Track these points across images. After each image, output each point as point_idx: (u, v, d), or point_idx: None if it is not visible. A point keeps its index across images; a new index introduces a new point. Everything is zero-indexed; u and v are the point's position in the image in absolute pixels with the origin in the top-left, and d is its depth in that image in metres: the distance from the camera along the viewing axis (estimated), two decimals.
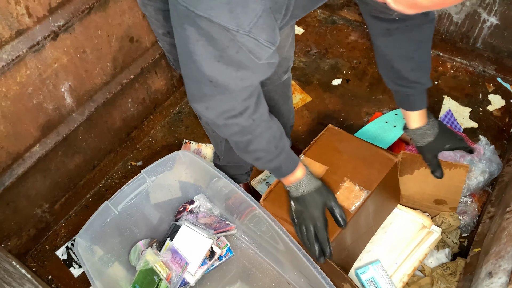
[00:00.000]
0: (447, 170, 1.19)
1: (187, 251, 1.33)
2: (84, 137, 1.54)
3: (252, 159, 0.99)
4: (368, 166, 1.21)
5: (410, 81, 1.07)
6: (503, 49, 1.82)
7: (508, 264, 0.86)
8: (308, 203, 1.04)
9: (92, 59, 1.41)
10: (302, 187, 1.04)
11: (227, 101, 0.84)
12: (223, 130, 0.91)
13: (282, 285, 1.31)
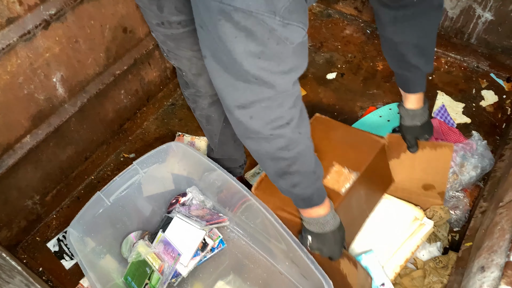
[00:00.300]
0: (433, 151, 1.21)
1: (179, 243, 1.33)
2: (76, 128, 1.52)
3: (289, 185, 0.93)
4: (356, 149, 1.23)
5: (412, 65, 1.09)
6: (497, 45, 1.82)
7: (501, 258, 0.87)
8: (331, 242, 1.04)
9: (85, 49, 1.39)
10: (326, 224, 1.02)
11: (274, 108, 0.79)
12: (268, 144, 0.84)
13: (274, 275, 1.32)
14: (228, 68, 0.76)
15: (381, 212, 1.36)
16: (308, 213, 1.03)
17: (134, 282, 1.29)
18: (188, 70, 1.19)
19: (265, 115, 0.80)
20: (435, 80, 1.88)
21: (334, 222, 1.04)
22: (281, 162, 0.87)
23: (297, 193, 0.96)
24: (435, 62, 1.95)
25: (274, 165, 0.89)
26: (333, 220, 1.03)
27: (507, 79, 1.85)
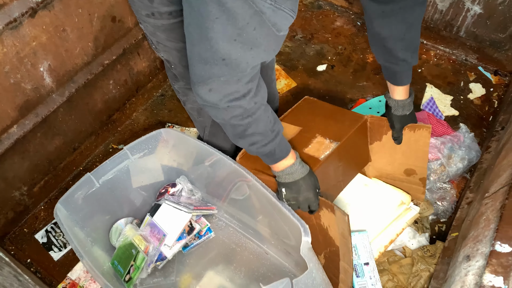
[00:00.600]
0: (411, 133, 1.25)
1: (166, 225, 1.36)
2: (64, 118, 1.50)
3: (247, 144, 0.99)
4: (339, 123, 1.29)
5: (400, 59, 1.12)
6: (485, 38, 1.84)
7: (486, 247, 0.88)
8: (303, 189, 1.08)
9: (73, 38, 1.37)
10: (295, 173, 1.07)
11: (232, 84, 0.84)
12: (224, 114, 0.91)
13: (261, 255, 1.37)
14: (199, 43, 0.80)
15: (370, 194, 1.40)
16: (277, 167, 1.08)
17: (120, 265, 1.29)
18: (178, 62, 1.18)
19: (223, 89, 0.85)
20: (424, 73, 1.90)
21: (303, 170, 1.08)
22: (238, 128, 0.94)
23: (258, 151, 1.01)
24: (425, 55, 1.96)
25: (232, 129, 0.96)
26: (301, 168, 1.08)
27: (494, 72, 1.87)
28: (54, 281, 1.43)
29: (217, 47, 0.78)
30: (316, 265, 1.06)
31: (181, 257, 1.39)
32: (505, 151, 1.19)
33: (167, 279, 1.36)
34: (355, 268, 1.26)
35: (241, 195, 1.33)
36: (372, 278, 1.24)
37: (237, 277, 1.35)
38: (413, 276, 1.28)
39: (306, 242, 1.01)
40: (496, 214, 0.92)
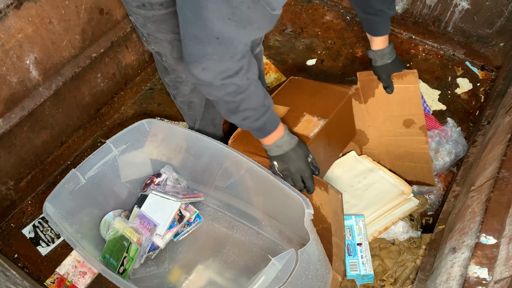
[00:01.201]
0: (400, 80, 1.29)
1: (155, 215, 1.37)
2: (51, 112, 1.48)
3: (239, 119, 1.01)
4: (325, 100, 1.32)
5: (377, 10, 1.17)
6: (473, 33, 1.86)
7: (471, 240, 0.90)
8: (293, 159, 1.11)
9: (59, 31, 1.35)
10: (284, 144, 1.10)
11: (225, 61, 0.86)
12: (217, 91, 0.92)
13: (252, 236, 1.41)
14: (193, 23, 0.82)
15: (373, 180, 1.44)
16: (267, 141, 1.10)
17: (112, 258, 1.28)
18: (169, 54, 1.17)
19: (216, 67, 0.87)
20: (413, 68, 1.91)
21: (292, 141, 1.11)
22: (231, 104, 0.96)
23: (250, 126, 1.04)
24: (413, 50, 1.97)
25: (225, 105, 0.98)
26: (290, 139, 1.11)
27: (481, 68, 1.89)
28: (42, 276, 1.42)
29: (211, 26, 0.79)
30: (316, 236, 1.10)
31: (173, 246, 1.40)
32: (490, 145, 1.21)
33: (160, 267, 1.37)
34: (348, 247, 1.31)
35: (228, 180, 1.34)
36: (364, 258, 1.29)
37: (231, 260, 1.37)
38: (398, 266, 1.30)
39: (309, 214, 1.04)
40: (482, 207, 0.94)
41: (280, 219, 1.32)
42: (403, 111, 1.35)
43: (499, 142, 1.11)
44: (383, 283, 1.30)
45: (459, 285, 0.85)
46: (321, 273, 1.12)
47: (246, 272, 1.35)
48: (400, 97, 1.32)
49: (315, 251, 1.06)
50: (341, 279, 1.21)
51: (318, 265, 1.09)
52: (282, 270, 0.95)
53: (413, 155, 1.44)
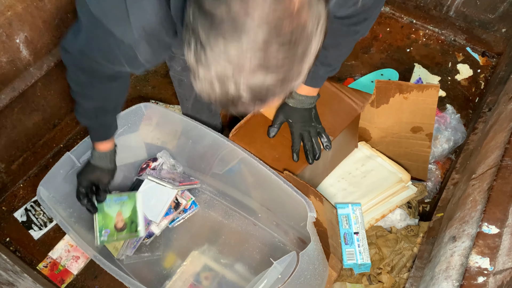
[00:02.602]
0: (420, 93, 1.25)
1: (150, 201, 1.34)
2: (43, 93, 1.44)
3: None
4: (334, 114, 1.29)
5: (325, 63, 1.11)
6: (475, 18, 1.82)
7: (472, 229, 0.88)
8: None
9: (51, 9, 1.30)
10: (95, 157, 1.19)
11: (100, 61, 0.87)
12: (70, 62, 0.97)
13: (248, 226, 1.39)
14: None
15: (372, 167, 1.43)
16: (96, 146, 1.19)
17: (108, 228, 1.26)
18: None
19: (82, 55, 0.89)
20: (413, 53, 1.88)
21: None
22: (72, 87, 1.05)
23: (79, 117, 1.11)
24: (414, 35, 1.94)
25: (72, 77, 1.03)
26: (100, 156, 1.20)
27: (482, 54, 1.87)
28: (35, 260, 1.40)
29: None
30: (317, 238, 1.09)
31: (168, 232, 1.39)
32: (493, 132, 1.19)
33: (154, 254, 1.36)
34: (345, 236, 1.30)
35: (226, 167, 1.32)
36: (361, 247, 1.28)
37: (227, 249, 1.36)
38: (395, 254, 1.29)
39: (312, 217, 1.03)
40: (483, 196, 0.92)
41: (278, 213, 1.31)
42: (414, 119, 1.33)
43: (502, 130, 1.09)
44: (380, 271, 1.29)
45: (459, 274, 0.84)
46: (319, 271, 1.12)
47: (241, 260, 1.34)
48: (415, 107, 1.29)
49: (314, 252, 1.06)
50: (337, 275, 1.22)
51: (317, 264, 1.09)
52: (282, 272, 0.96)
53: (412, 155, 1.42)
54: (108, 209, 1.22)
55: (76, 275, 1.38)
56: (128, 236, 1.26)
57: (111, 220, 1.22)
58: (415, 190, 1.39)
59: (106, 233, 1.21)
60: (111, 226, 1.22)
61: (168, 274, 1.33)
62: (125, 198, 1.26)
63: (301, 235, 1.29)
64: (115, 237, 1.22)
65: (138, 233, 1.27)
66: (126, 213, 1.25)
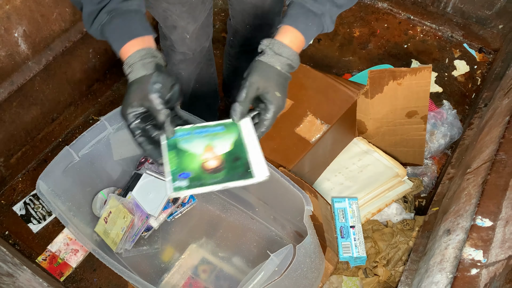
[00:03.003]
0: (413, 76, 1.26)
1: (149, 196, 1.34)
2: (41, 87, 1.44)
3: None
4: (330, 102, 1.29)
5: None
6: (472, 14, 1.83)
7: (467, 222, 0.90)
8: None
9: (49, 3, 1.30)
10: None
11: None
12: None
13: (246, 220, 1.40)
14: None
15: (368, 162, 1.44)
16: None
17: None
18: (162, 22, 1.16)
19: None
20: (410, 49, 1.89)
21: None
22: None
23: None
24: (411, 31, 1.94)
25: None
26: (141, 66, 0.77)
27: (479, 50, 1.88)
28: (34, 253, 1.41)
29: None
30: (313, 231, 1.10)
31: (166, 226, 1.40)
32: (488, 127, 1.20)
33: (152, 247, 1.37)
34: (341, 229, 1.32)
35: None
36: (357, 240, 1.30)
37: (224, 243, 1.37)
38: (391, 248, 1.31)
39: (308, 210, 1.05)
40: (478, 189, 0.93)
41: (275, 207, 1.32)
42: (408, 104, 1.34)
43: (497, 125, 1.10)
44: (376, 264, 1.30)
45: (453, 266, 0.85)
46: (315, 265, 1.14)
47: (239, 254, 1.35)
48: (409, 92, 1.30)
49: (311, 245, 1.07)
50: (333, 268, 1.23)
51: (313, 257, 1.11)
52: (279, 265, 0.97)
53: (408, 141, 1.43)
54: (186, 144, 0.79)
55: (75, 268, 1.39)
56: (230, 178, 0.75)
57: (193, 158, 0.78)
58: (411, 184, 1.40)
59: (185, 177, 0.76)
60: (193, 166, 0.77)
61: (166, 267, 1.34)
62: (219, 129, 0.81)
63: (298, 229, 1.30)
64: (204, 181, 0.75)
65: (251, 175, 0.75)
66: (223, 147, 0.79)
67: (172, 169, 0.75)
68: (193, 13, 1.13)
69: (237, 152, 0.78)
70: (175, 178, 0.74)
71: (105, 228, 1.31)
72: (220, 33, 1.96)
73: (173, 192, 0.72)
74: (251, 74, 0.75)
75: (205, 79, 1.42)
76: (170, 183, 0.73)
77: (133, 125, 0.74)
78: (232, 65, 1.50)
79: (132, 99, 0.73)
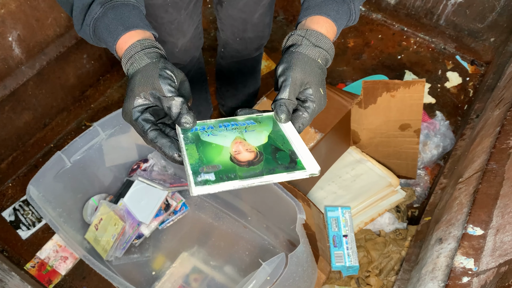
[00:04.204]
0: (406, 89, 1.26)
1: (140, 203, 1.33)
2: (34, 92, 1.44)
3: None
4: (325, 111, 1.25)
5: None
6: (464, 27, 1.86)
7: (458, 231, 0.90)
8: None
9: (44, 8, 1.30)
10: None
11: None
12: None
13: (239, 229, 1.39)
14: None
15: (361, 171, 1.44)
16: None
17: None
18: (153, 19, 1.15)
19: None
20: (404, 60, 1.91)
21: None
22: None
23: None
24: (405, 42, 1.97)
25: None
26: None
27: (471, 62, 1.90)
28: (22, 260, 1.39)
29: None
30: (306, 240, 1.10)
31: (157, 234, 1.38)
32: (479, 138, 1.21)
33: (143, 255, 1.35)
34: (334, 238, 1.31)
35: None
36: (349, 249, 1.29)
37: (216, 251, 1.36)
38: (384, 257, 1.31)
39: (301, 219, 1.04)
40: (469, 199, 0.94)
41: (268, 216, 1.32)
42: (401, 117, 1.35)
43: (488, 135, 1.11)
44: (368, 274, 1.30)
45: (444, 275, 0.85)
46: (308, 274, 1.13)
47: (231, 262, 1.34)
48: (402, 105, 1.30)
49: (304, 254, 1.07)
50: (326, 278, 1.23)
51: (306, 267, 1.10)
52: (271, 274, 0.96)
53: (401, 153, 1.44)
54: (210, 137, 0.65)
55: (64, 276, 1.37)
56: (273, 170, 0.60)
57: (221, 150, 0.63)
58: (404, 194, 1.41)
59: (211, 171, 0.60)
60: (222, 159, 0.62)
61: (157, 276, 1.32)
62: (250, 123, 0.68)
63: (291, 238, 1.29)
64: (237, 173, 0.59)
65: (301, 166, 0.61)
66: (257, 140, 0.66)
67: (194, 163, 0.61)
68: (182, 29, 1.13)
69: (277, 144, 0.65)
70: (197, 171, 0.59)
71: (95, 235, 1.29)
72: (215, 40, 1.97)
73: (196, 187, 0.57)
74: (293, 68, 0.63)
75: (196, 87, 1.42)
76: (192, 177, 0.58)
77: (142, 118, 0.61)
78: (225, 75, 1.51)
79: (137, 91, 0.60)
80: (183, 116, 0.60)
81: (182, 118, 0.60)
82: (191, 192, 0.56)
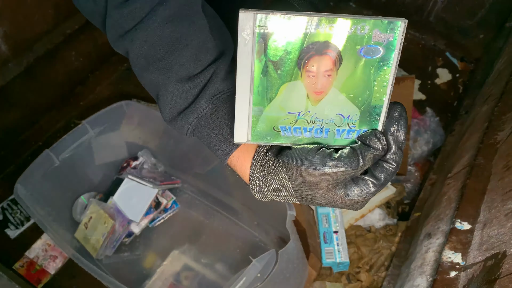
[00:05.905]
0: (396, 86, 1.27)
1: (131, 201, 1.33)
2: (22, 90, 1.42)
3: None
4: None
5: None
6: (454, 24, 1.87)
7: (446, 225, 0.90)
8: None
9: (31, 4, 1.29)
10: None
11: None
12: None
13: (229, 226, 1.39)
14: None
15: None
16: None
17: None
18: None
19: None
20: None
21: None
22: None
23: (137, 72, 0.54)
24: None
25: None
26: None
27: (461, 59, 1.91)
28: (11, 259, 1.37)
29: None
30: (296, 236, 1.10)
31: (148, 232, 1.38)
32: (468, 133, 1.22)
33: (133, 253, 1.35)
34: (324, 235, 1.32)
35: (207, 168, 1.33)
36: (340, 246, 1.30)
37: (208, 249, 1.36)
38: (374, 253, 1.31)
39: (291, 215, 1.04)
40: (458, 194, 0.94)
41: (259, 213, 1.32)
42: None
43: (477, 130, 1.12)
44: (359, 270, 1.30)
45: (433, 269, 0.86)
46: (298, 270, 1.13)
47: (222, 260, 1.34)
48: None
49: (294, 251, 1.07)
50: (317, 274, 1.23)
51: (296, 263, 1.10)
52: (262, 271, 0.96)
53: None
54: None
55: (54, 275, 1.36)
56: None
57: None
58: (394, 190, 1.41)
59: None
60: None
61: (148, 274, 1.32)
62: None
63: (282, 235, 1.29)
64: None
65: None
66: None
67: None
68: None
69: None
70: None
71: (85, 233, 1.28)
72: None
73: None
74: None
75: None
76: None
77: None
78: None
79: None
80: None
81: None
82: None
